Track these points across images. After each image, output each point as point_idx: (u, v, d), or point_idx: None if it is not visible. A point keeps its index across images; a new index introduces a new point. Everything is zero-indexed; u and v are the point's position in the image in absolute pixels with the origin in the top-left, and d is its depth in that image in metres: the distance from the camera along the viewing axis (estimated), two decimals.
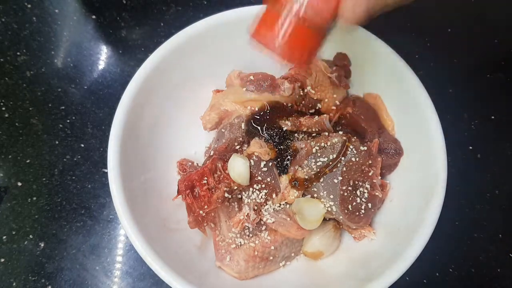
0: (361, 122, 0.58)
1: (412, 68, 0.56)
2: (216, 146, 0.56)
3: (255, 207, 0.54)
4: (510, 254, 0.66)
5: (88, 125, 0.70)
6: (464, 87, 0.76)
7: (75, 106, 0.71)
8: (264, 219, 0.54)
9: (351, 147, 0.54)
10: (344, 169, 0.53)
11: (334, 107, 0.60)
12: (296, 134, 0.58)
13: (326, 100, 0.59)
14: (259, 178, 0.53)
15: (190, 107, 0.63)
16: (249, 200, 0.54)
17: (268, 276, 0.56)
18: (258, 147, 0.53)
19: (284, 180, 0.54)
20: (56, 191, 0.66)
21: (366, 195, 0.54)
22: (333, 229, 0.57)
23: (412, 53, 0.79)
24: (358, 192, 0.53)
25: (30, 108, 0.71)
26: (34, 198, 0.65)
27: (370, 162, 0.55)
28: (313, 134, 0.58)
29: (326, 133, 0.57)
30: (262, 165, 0.53)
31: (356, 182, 0.54)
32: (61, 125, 0.70)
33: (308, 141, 0.56)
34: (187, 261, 0.54)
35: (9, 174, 0.66)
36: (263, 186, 0.54)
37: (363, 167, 0.54)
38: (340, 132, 0.58)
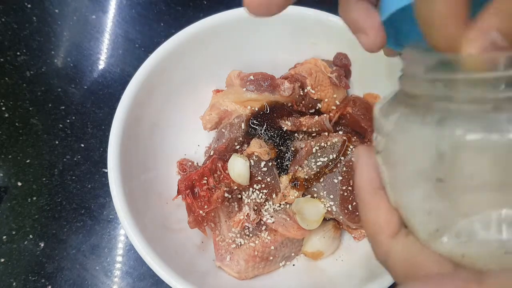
0: (361, 122, 0.58)
1: None
2: (216, 146, 0.56)
3: (255, 207, 0.54)
4: None
5: (88, 125, 0.70)
6: None
7: (75, 106, 0.71)
8: (264, 219, 0.54)
9: (351, 147, 0.54)
10: (344, 169, 0.53)
11: (334, 107, 0.60)
12: (296, 134, 0.58)
13: (326, 100, 0.59)
14: (259, 178, 0.53)
15: (190, 107, 0.63)
16: (249, 200, 0.54)
17: (268, 276, 0.56)
18: (258, 147, 0.53)
19: (284, 180, 0.54)
20: (56, 191, 0.66)
21: None
22: (333, 229, 0.56)
23: None
24: None
25: (30, 108, 0.71)
26: (34, 198, 0.65)
27: None
28: (313, 134, 0.58)
29: (326, 133, 0.57)
30: (262, 165, 0.53)
31: None
32: (61, 125, 0.70)
33: (308, 141, 0.56)
34: (187, 261, 0.54)
35: (9, 174, 0.66)
36: (263, 186, 0.53)
37: None
38: (340, 132, 0.58)
